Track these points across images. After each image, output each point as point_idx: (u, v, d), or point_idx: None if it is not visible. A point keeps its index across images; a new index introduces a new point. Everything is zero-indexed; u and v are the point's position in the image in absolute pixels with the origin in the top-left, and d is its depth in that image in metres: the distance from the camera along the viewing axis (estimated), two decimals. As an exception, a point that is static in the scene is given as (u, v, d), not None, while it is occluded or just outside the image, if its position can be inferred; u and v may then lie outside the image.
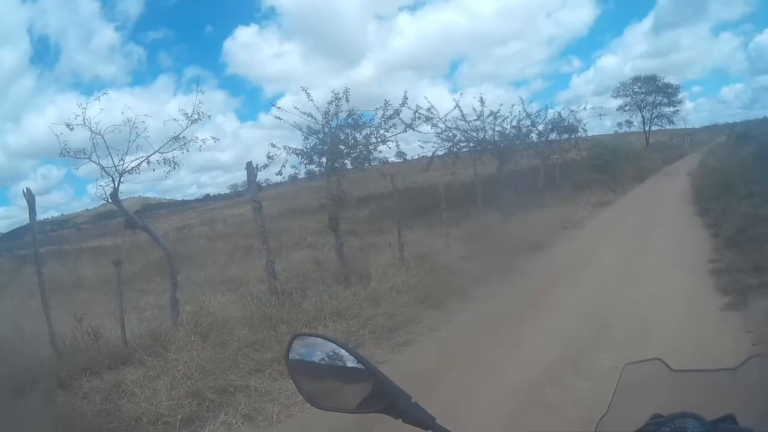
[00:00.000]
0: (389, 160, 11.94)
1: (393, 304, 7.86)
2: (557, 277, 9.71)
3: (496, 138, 16.95)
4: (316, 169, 10.68)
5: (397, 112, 10.79)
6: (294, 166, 10.68)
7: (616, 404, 1.34)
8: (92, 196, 7.85)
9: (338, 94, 10.16)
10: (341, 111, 10.24)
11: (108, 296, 8.34)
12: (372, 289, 8.33)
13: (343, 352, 1.16)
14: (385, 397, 1.11)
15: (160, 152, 7.80)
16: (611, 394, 1.34)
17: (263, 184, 11.38)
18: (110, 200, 7.52)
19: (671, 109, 36.89)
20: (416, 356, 6.39)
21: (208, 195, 43.07)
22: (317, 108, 10.11)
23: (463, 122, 16.37)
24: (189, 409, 4.99)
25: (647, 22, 44.47)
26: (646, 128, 36.45)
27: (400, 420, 1.11)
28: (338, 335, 6.67)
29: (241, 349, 6.14)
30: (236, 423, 4.80)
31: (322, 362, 1.20)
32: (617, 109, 36.29)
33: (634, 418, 1.23)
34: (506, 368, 5.58)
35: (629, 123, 36.94)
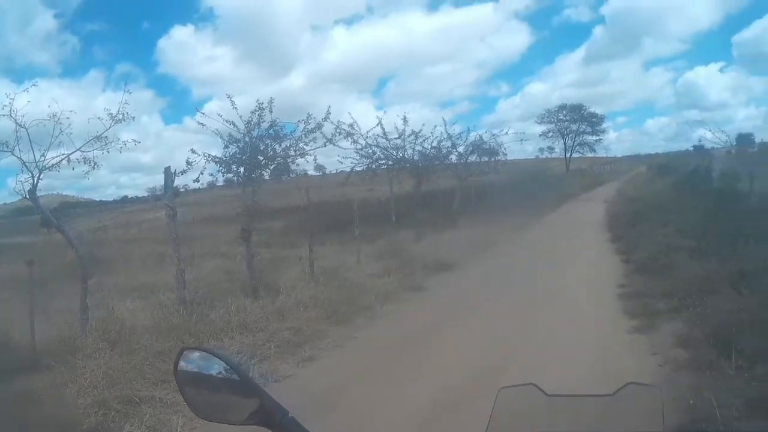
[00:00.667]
0: (308, 172, 12.08)
1: (300, 318, 7.88)
2: (466, 297, 9.80)
3: (415, 157, 17.25)
4: (234, 178, 10.65)
5: (318, 126, 10.89)
6: (212, 174, 10.58)
7: (493, 428, 1.37)
8: (11, 190, 7.76)
9: (262, 103, 10.15)
10: (263, 121, 10.23)
11: (19, 297, 8.10)
12: (280, 302, 8.35)
13: (228, 367, 1.21)
14: (265, 412, 1.15)
15: (81, 150, 7.72)
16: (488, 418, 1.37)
17: (181, 190, 11.15)
18: (28, 196, 7.43)
19: (594, 137, 38.02)
20: (321, 372, 6.42)
21: (126, 197, 41.76)
22: (240, 117, 10.09)
23: (384, 140, 16.61)
24: (95, 419, 4.93)
25: (579, 53, 45.90)
26: (568, 155, 37.45)
27: None
28: (244, 348, 6.73)
29: (147, 358, 6.08)
30: (141, 435, 4.75)
31: (208, 376, 1.24)
32: (540, 135, 37.15)
33: None
34: (409, 388, 5.64)
35: (551, 149, 37.83)
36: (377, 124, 16.48)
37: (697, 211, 13.73)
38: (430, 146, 17.72)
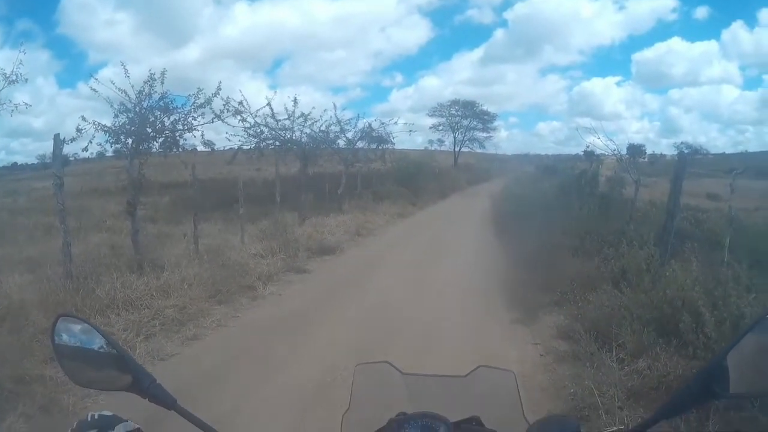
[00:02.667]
0: (197, 148, 11.89)
1: (184, 296, 7.82)
2: (347, 282, 9.96)
3: (303, 139, 17.24)
4: (123, 150, 10.30)
5: (208, 101, 10.76)
6: (101, 144, 10.22)
7: (356, 401, 1.44)
8: None
9: (154, 74, 9.97)
10: (155, 92, 10.03)
11: None
12: (165, 279, 8.25)
13: (100, 335, 1.23)
14: (133, 378, 1.19)
15: (-32, 110, 7.19)
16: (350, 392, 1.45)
17: (70, 159, 10.90)
18: None
19: (485, 134, 38.67)
20: (205, 351, 6.44)
21: (15, 163, 39.24)
22: (132, 86, 9.83)
23: (273, 120, 16.56)
24: (-12, 400, 4.72)
25: (478, 53, 46.55)
26: (457, 149, 37.99)
27: (148, 399, 1.21)
28: (130, 325, 6.61)
29: (36, 335, 5.85)
30: (35, 415, 4.59)
31: (82, 343, 1.25)
32: (431, 128, 37.29)
33: (377, 414, 1.36)
34: (292, 367, 5.81)
35: (441, 141, 38.11)
36: (267, 104, 16.44)
37: (581, 212, 14.26)
38: (318, 129, 17.77)
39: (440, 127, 37.67)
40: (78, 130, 9.42)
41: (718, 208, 12.55)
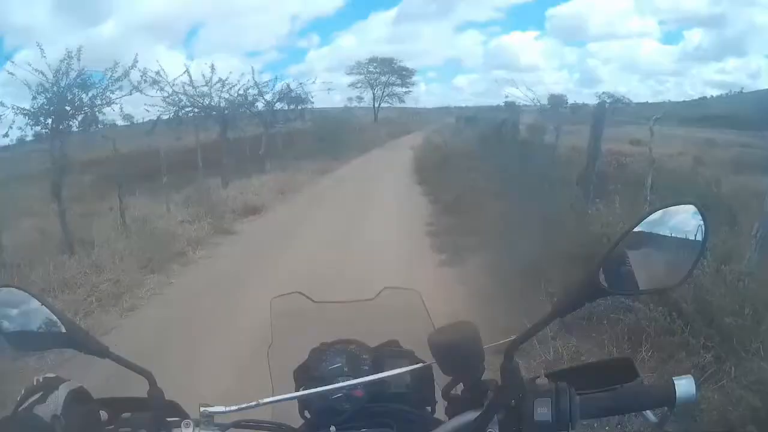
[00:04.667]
0: (116, 123, 11.99)
1: (116, 270, 7.92)
2: (274, 240, 10.20)
3: (222, 105, 17.29)
4: (43, 132, 10.41)
5: (125, 74, 10.89)
6: (21, 128, 10.34)
7: (277, 335, 1.45)
8: None
9: (71, 52, 9.99)
10: (72, 70, 10.06)
11: None
12: (95, 255, 8.38)
13: (30, 297, 1.21)
14: (67, 334, 1.17)
15: None
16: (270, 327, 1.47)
17: None
18: None
19: (404, 89, 38.52)
20: (143, 320, 6.61)
21: None
22: (49, 66, 9.89)
23: (191, 88, 16.52)
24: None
25: (393, 11, 45.98)
26: (377, 105, 37.89)
27: (83, 352, 1.18)
28: (67, 306, 6.56)
29: None
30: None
31: (18, 308, 1.23)
32: (349, 86, 36.81)
33: (299, 345, 1.39)
34: (229, 329, 5.91)
35: (360, 99, 37.64)
36: (184, 72, 16.39)
37: (503, 159, 14.50)
38: (237, 94, 17.80)
39: (359, 85, 37.10)
40: (-5, 116, 9.24)
41: (641, 153, 12.24)
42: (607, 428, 3.81)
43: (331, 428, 1.21)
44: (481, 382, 1.16)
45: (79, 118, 10.68)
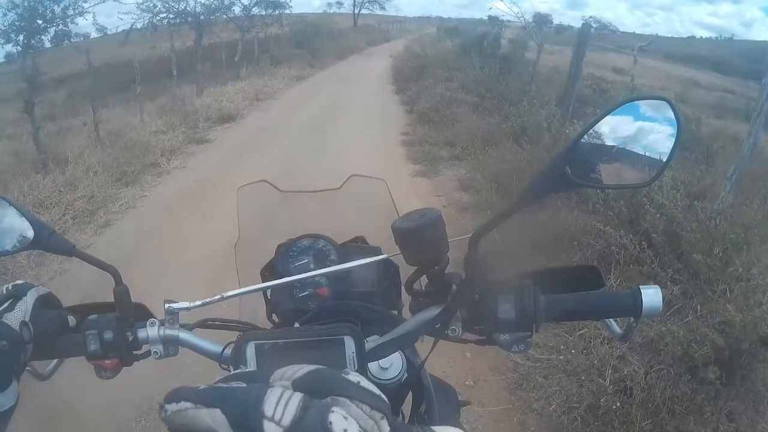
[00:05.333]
0: (90, 35, 12.03)
1: (90, 185, 7.98)
2: (249, 146, 10.27)
3: (197, 9, 17.19)
4: (15, 50, 10.34)
5: None
6: None
7: (243, 228, 1.44)
8: None
9: None
10: None
11: None
12: (69, 172, 8.41)
13: (5, 203, 1.15)
14: (34, 234, 1.13)
15: None
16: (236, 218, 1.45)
17: None
18: None
19: None
20: (118, 235, 6.64)
21: None
22: None
23: None
24: None
25: None
26: (356, 11, 36.95)
27: (50, 252, 1.15)
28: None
29: None
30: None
31: None
32: None
33: (265, 240, 1.40)
34: (202, 238, 6.10)
35: (339, 4, 37.01)
36: (159, -24, 15.90)
37: (482, 72, 14.38)
38: None
39: None
40: (-34, 36, 8.98)
41: (623, 81, 12.79)
42: (570, 339, 4.04)
43: (294, 325, 1.23)
44: (444, 275, 1.14)
45: (51, 32, 10.75)
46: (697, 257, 4.27)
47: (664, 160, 1.01)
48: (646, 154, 1.02)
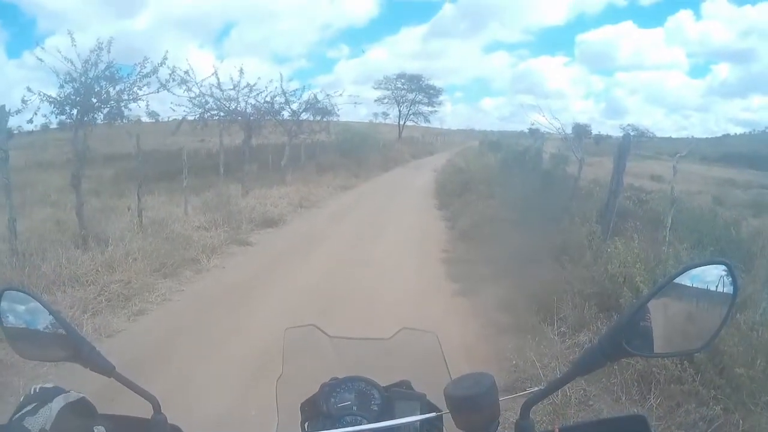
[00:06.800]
0: (141, 119, 11.86)
1: (129, 270, 7.78)
2: (289, 253, 10.08)
3: (248, 110, 17.09)
4: (67, 121, 10.16)
5: (154, 70, 10.69)
6: (45, 116, 10.08)
7: (288, 366, 1.45)
8: None
9: (102, 43, 9.82)
10: (101, 62, 9.87)
11: None
12: (109, 254, 8.19)
13: (41, 306, 1.20)
14: (74, 348, 1.16)
15: None
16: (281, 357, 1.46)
17: (15, 132, 10.62)
18: None
19: (430, 108, 38.30)
20: (151, 326, 6.46)
21: None
22: (78, 55, 9.70)
23: (218, 90, 16.37)
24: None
25: (425, 27, 45.99)
26: (401, 122, 37.76)
27: (89, 368, 1.17)
28: (76, 302, 6.54)
29: None
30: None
31: (27, 317, 1.23)
32: (375, 100, 36.60)
33: (309, 379, 1.40)
34: (237, 339, 5.91)
35: (386, 114, 37.57)
36: (213, 74, 16.32)
37: (524, 187, 14.29)
38: (263, 100, 17.63)
39: (385, 100, 37.02)
40: (23, 101, 9.35)
41: (662, 189, 12.81)
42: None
43: None
44: None
45: (105, 110, 10.47)
46: (739, 371, 4.22)
47: (719, 322, 1.03)
48: (702, 317, 1.06)
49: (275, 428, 1.29)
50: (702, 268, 1.05)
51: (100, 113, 10.43)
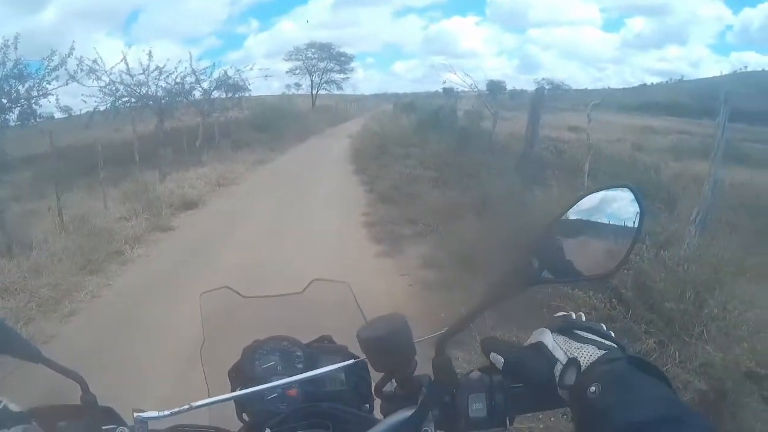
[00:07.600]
0: (54, 116, 12.02)
1: (56, 272, 7.81)
2: (212, 236, 10.10)
3: (159, 94, 17.15)
4: None
5: (62, 62, 10.95)
6: None
7: (209, 332, 1.42)
8: None
9: (8, 41, 9.90)
10: (8, 60, 9.99)
11: None
12: (34, 258, 8.24)
13: None
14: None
15: None
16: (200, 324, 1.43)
17: None
18: None
19: (342, 75, 38.06)
20: (83, 327, 6.46)
21: None
22: None
23: (128, 76, 16.39)
24: None
25: None
26: (314, 92, 37.45)
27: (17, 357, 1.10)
28: (9, 314, 6.39)
29: None
30: None
31: None
32: (287, 72, 36.15)
33: (231, 343, 1.38)
34: (168, 329, 5.84)
35: (298, 86, 37.02)
36: (121, 60, 16.32)
37: (440, 145, 14.51)
38: (174, 82, 17.72)
39: (297, 71, 36.30)
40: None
41: (579, 139, 12.77)
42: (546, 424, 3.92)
43: (266, 430, 1.19)
44: (413, 378, 1.13)
45: (16, 111, 10.67)
46: (669, 305, 4.34)
47: (629, 243, 1.01)
48: (612, 240, 1.04)
49: (206, 398, 1.18)
50: (607, 191, 1.05)
51: (12, 113, 10.61)
